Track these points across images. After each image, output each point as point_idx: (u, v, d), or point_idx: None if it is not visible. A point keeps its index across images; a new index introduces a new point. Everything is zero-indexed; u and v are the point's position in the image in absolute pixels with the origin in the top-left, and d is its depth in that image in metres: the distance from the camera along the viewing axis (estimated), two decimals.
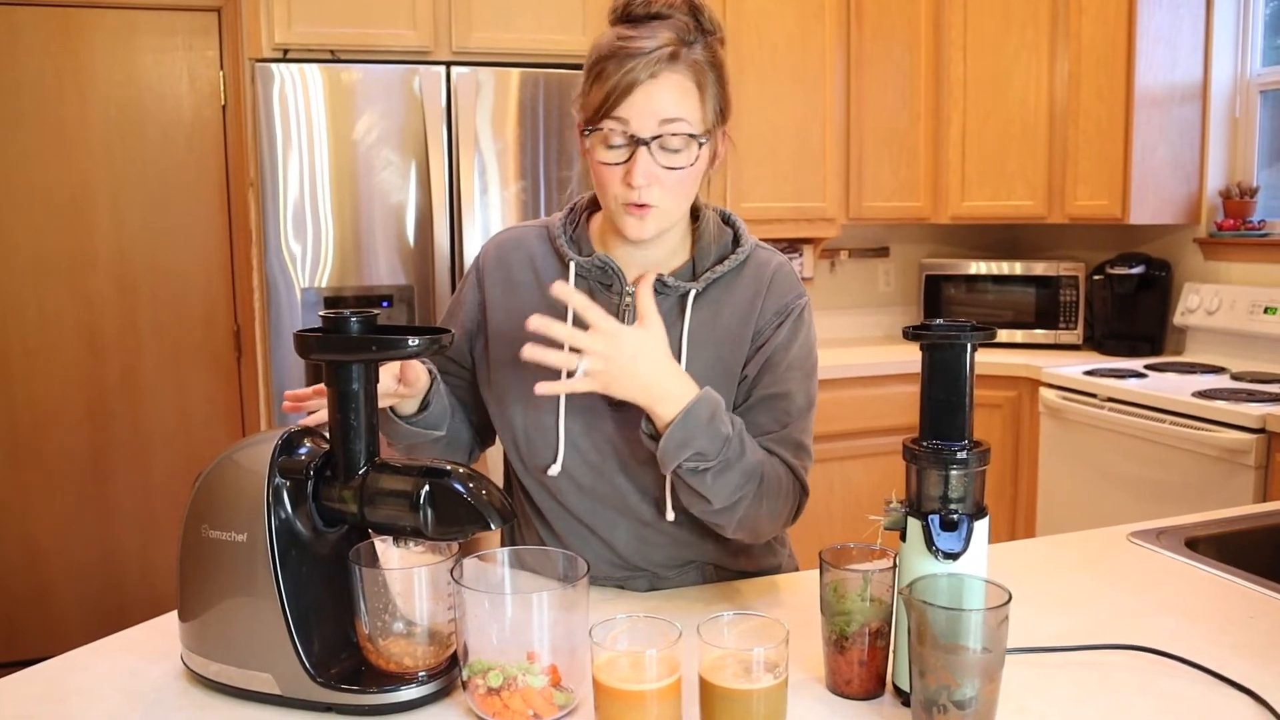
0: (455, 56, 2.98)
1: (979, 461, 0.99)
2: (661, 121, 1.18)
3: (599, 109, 1.18)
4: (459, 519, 0.99)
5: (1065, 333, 3.64)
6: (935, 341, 1.01)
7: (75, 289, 3.39)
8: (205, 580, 1.04)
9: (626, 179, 1.19)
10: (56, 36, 3.29)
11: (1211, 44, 3.30)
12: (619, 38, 1.19)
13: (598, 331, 1.11)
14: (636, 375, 1.12)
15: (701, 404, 1.14)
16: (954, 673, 0.91)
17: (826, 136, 3.57)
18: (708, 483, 1.17)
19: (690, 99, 1.19)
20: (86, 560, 3.48)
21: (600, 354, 1.11)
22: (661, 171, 1.19)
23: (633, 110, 1.17)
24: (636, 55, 1.16)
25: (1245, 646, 1.16)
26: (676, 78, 1.18)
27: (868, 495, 3.42)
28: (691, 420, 1.13)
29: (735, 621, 0.98)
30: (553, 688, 0.98)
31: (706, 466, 1.15)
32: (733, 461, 1.17)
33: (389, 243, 2.92)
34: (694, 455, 1.14)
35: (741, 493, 1.19)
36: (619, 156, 1.20)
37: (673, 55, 1.17)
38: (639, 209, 1.21)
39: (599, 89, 1.18)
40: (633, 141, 1.18)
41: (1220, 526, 1.60)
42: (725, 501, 1.19)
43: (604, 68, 1.18)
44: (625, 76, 1.16)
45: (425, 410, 1.28)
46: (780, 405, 1.29)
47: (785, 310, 1.32)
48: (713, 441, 1.15)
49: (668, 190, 1.21)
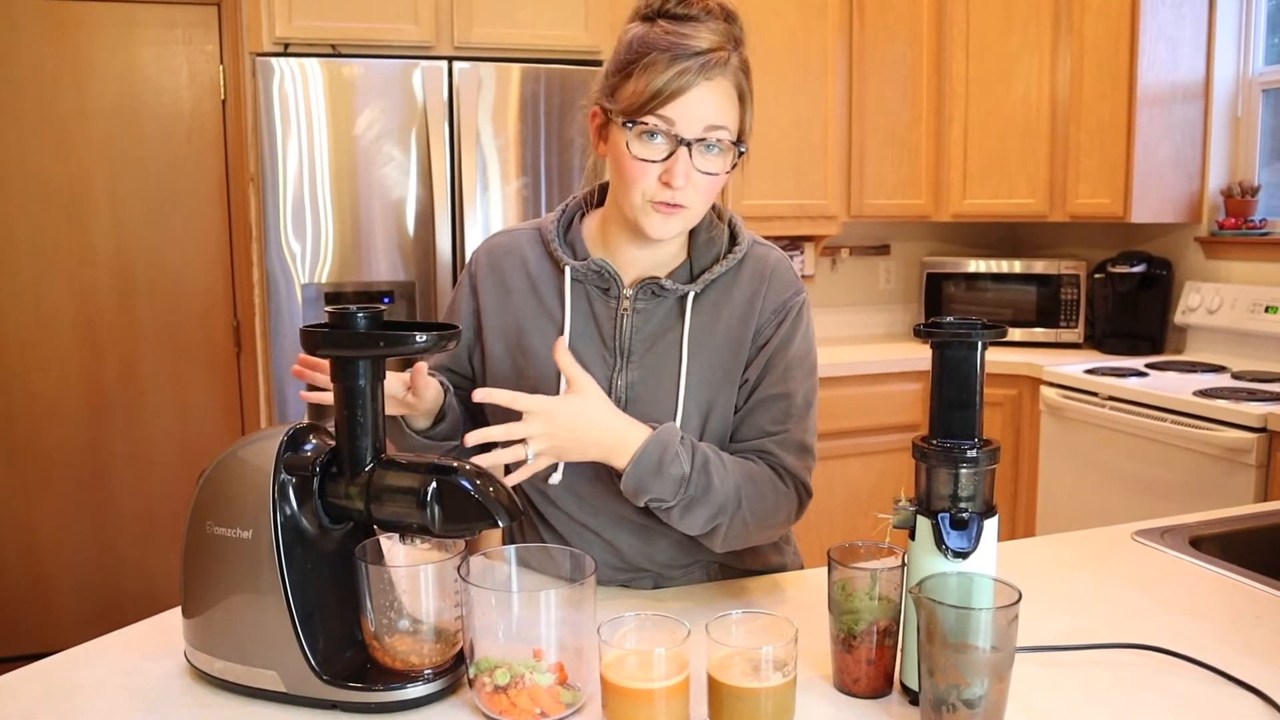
0: (457, 52, 2.97)
1: (989, 460, 0.99)
2: (708, 126, 1.17)
3: (645, 103, 1.16)
4: (466, 516, 0.98)
5: (1066, 331, 3.64)
6: (946, 339, 1.00)
7: (74, 284, 3.38)
8: (210, 577, 1.04)
9: (665, 177, 1.17)
10: (55, 30, 3.28)
11: (1214, 42, 3.30)
12: (668, 31, 1.16)
13: (532, 415, 1.12)
14: (582, 441, 1.14)
15: (647, 453, 1.15)
16: (963, 671, 0.90)
17: (828, 134, 3.56)
18: (675, 519, 1.20)
19: (734, 107, 1.19)
20: (84, 555, 3.47)
21: (540, 435, 1.12)
22: (697, 175, 1.19)
23: (682, 112, 1.15)
24: (691, 55, 1.14)
25: (1252, 646, 1.15)
26: (726, 84, 1.18)
27: (868, 493, 3.42)
28: (641, 468, 1.15)
29: (743, 620, 0.97)
30: (560, 686, 0.98)
31: (669, 507, 1.18)
32: (697, 498, 1.18)
33: (389, 239, 2.91)
34: (652, 500, 1.17)
35: (715, 523, 1.21)
36: (658, 154, 1.18)
37: (725, 61, 1.16)
38: (670, 209, 1.20)
39: (644, 81, 1.15)
40: (675, 141, 1.17)
41: (1224, 525, 1.60)
42: (699, 531, 1.22)
43: (654, 61, 1.15)
44: (679, 77, 1.14)
45: (440, 424, 1.27)
46: (781, 406, 1.29)
47: (784, 308, 1.31)
48: (665, 486, 1.16)
49: (700, 193, 1.20)
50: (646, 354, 1.28)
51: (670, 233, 1.22)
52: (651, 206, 1.20)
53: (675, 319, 1.29)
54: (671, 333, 1.29)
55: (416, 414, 1.25)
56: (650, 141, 1.17)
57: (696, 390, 1.27)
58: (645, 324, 1.29)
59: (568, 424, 1.13)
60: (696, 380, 1.28)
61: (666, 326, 1.29)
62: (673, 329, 1.28)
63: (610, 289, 1.29)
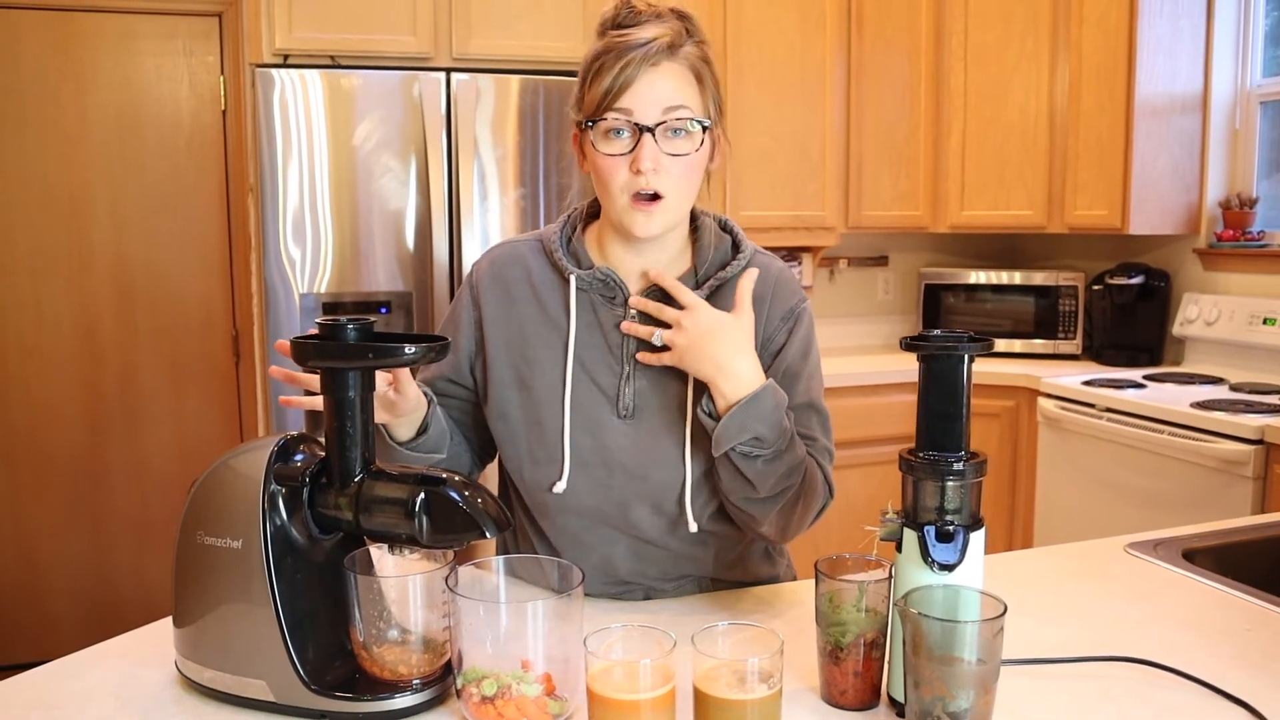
0: (455, 63, 2.98)
1: (975, 473, 0.99)
2: (665, 109, 1.19)
3: (600, 103, 1.19)
4: (455, 527, 0.99)
5: (1064, 343, 3.64)
6: (932, 352, 1.01)
7: (74, 292, 3.39)
8: (200, 586, 1.04)
9: (633, 166, 1.19)
10: (57, 41, 3.30)
11: (1212, 55, 3.30)
12: (614, 36, 1.20)
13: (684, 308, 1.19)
14: (708, 351, 1.17)
15: (769, 392, 1.17)
16: (949, 684, 0.91)
17: (826, 145, 3.57)
18: (758, 469, 1.18)
19: (690, 88, 1.21)
20: (81, 563, 3.48)
21: (678, 325, 1.18)
22: (666, 159, 1.20)
23: (636, 100, 1.18)
24: (634, 47, 1.18)
25: (1241, 658, 1.15)
26: (676, 67, 1.20)
27: (865, 504, 3.40)
28: (757, 405, 1.15)
29: (730, 631, 0.97)
30: (547, 696, 0.98)
31: (761, 453, 1.17)
32: (784, 453, 1.19)
33: (388, 249, 2.92)
34: (752, 440, 1.16)
35: (788, 483, 1.21)
36: (623, 146, 1.20)
37: (670, 45, 1.19)
38: (647, 203, 1.21)
39: (598, 84, 1.19)
40: (637, 130, 1.19)
41: (1217, 538, 1.60)
42: (770, 490, 1.21)
43: (602, 64, 1.19)
44: (625, 69, 1.17)
45: (423, 434, 1.27)
46: (806, 416, 1.31)
47: (792, 314, 1.32)
48: (773, 429, 1.17)
49: (675, 180, 1.21)
50: None
51: (654, 229, 1.23)
52: (631, 205, 1.21)
53: None
54: None
55: (399, 419, 1.23)
56: (615, 137, 1.20)
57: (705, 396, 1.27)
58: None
59: (704, 327, 1.17)
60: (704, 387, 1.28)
61: None
62: None
63: (615, 297, 1.30)
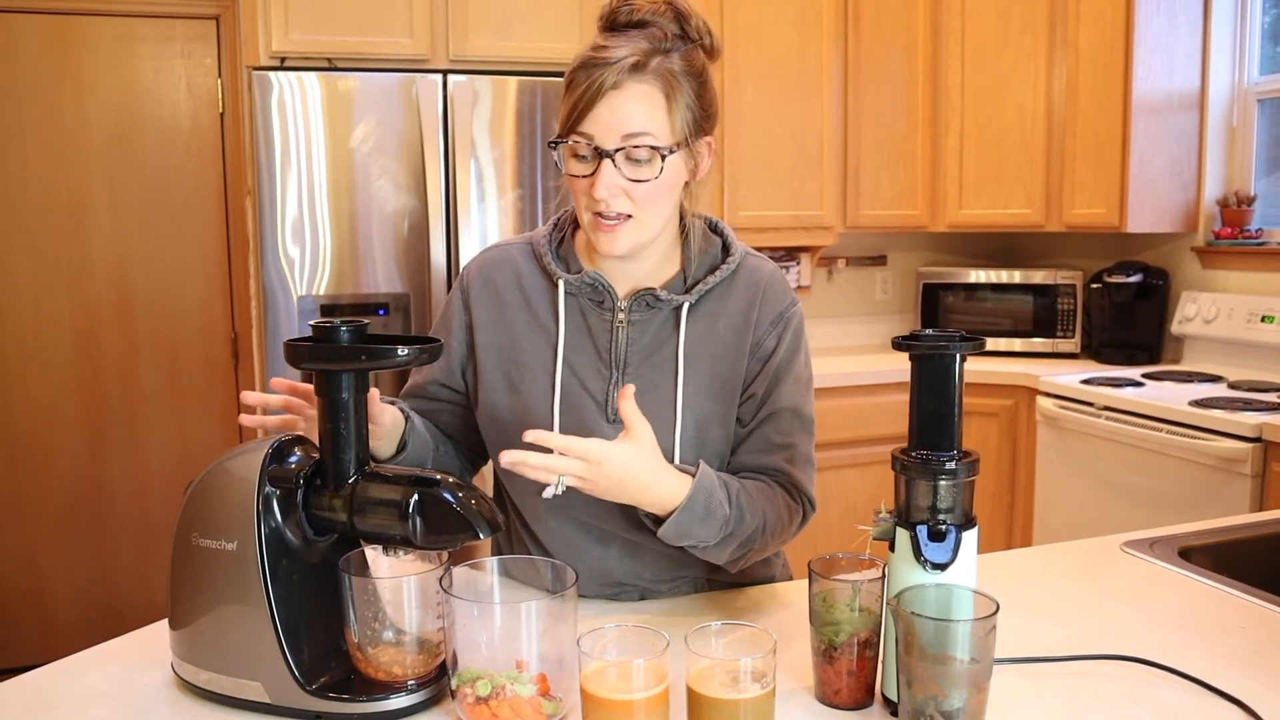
0: (452, 65, 2.98)
1: (968, 472, 1.00)
2: (625, 135, 1.16)
3: (566, 121, 1.19)
4: (448, 528, 0.99)
5: (1063, 341, 3.64)
6: (924, 352, 1.01)
7: (73, 295, 3.39)
8: (196, 588, 1.04)
9: (591, 191, 1.19)
10: (55, 44, 3.30)
11: (1209, 52, 3.30)
12: (591, 48, 1.19)
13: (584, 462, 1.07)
14: (621, 491, 1.11)
15: (694, 501, 1.14)
16: (941, 683, 0.91)
17: (824, 144, 3.57)
18: (712, 553, 1.21)
19: (657, 110, 1.17)
20: (82, 566, 3.48)
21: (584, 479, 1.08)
22: (627, 184, 1.18)
23: (597, 124, 1.16)
24: (602, 65, 1.16)
25: (1237, 657, 1.15)
26: (642, 88, 1.16)
27: (863, 504, 3.41)
28: (689, 515, 1.15)
29: (723, 631, 0.98)
30: (541, 697, 0.98)
31: (707, 544, 1.19)
32: (733, 534, 1.19)
33: (386, 251, 2.92)
34: (692, 542, 1.18)
35: (743, 551, 1.23)
36: (586, 169, 1.19)
37: (636, 65, 1.16)
38: (609, 224, 1.20)
39: (569, 100, 1.19)
40: (598, 154, 1.18)
41: (1213, 536, 1.60)
42: (725, 560, 1.23)
43: (574, 78, 1.19)
44: (588, 90, 1.16)
45: (403, 451, 1.27)
46: (787, 422, 1.30)
47: (781, 319, 1.31)
48: (709, 527, 1.17)
49: (639, 202, 1.20)
50: (642, 366, 1.29)
51: (619, 248, 1.22)
52: (594, 224, 1.21)
53: (670, 330, 1.29)
54: (667, 344, 1.29)
55: (377, 439, 1.23)
56: (579, 160, 1.20)
57: (694, 401, 1.28)
58: (640, 336, 1.29)
59: (615, 475, 1.09)
60: (694, 391, 1.28)
61: (662, 338, 1.29)
62: (668, 341, 1.29)
63: (604, 302, 1.30)
